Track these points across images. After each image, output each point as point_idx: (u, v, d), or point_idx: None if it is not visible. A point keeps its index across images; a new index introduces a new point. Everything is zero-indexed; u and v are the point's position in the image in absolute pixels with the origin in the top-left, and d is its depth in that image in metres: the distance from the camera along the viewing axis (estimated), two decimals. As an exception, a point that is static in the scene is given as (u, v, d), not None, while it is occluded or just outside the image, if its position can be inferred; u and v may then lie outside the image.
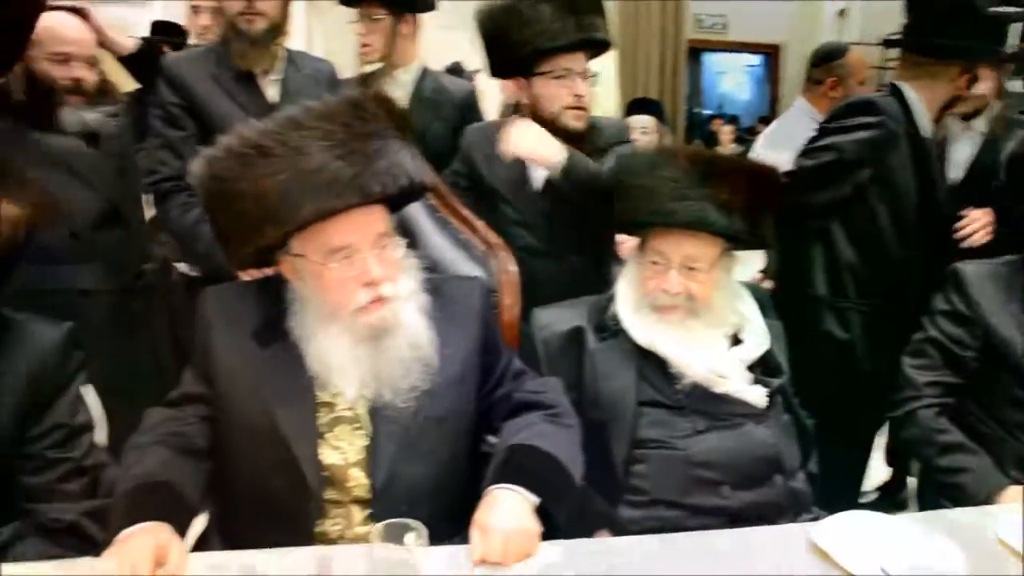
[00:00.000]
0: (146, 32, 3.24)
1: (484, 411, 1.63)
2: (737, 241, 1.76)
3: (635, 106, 4.62)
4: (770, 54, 7.14)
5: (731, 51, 8.03)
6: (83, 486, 1.52)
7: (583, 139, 2.27)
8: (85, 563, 1.33)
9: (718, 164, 1.74)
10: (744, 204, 1.70)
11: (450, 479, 1.54)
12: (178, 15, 3.47)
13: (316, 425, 1.48)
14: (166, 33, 3.26)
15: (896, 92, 2.37)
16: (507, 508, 1.39)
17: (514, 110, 2.50)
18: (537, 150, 2.16)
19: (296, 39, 3.27)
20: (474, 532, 1.36)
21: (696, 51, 7.47)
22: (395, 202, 1.54)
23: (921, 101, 2.35)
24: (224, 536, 1.59)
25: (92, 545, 1.45)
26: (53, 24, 2.26)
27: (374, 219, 1.46)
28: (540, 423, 1.55)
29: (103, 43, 2.52)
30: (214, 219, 1.50)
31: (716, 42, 7.16)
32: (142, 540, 1.30)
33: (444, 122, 2.84)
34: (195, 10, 3.12)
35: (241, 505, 1.54)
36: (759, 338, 1.79)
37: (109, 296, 2.40)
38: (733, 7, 6.71)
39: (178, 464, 1.46)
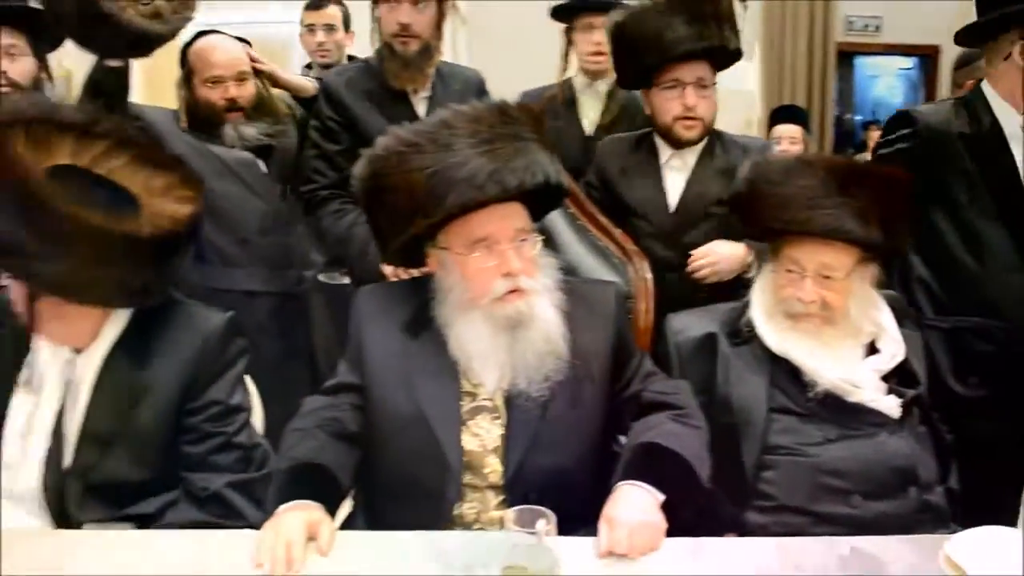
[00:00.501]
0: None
1: (615, 409, 1.69)
2: (874, 250, 1.75)
3: (779, 114, 4.50)
4: (927, 56, 6.82)
5: (884, 54, 7.70)
6: (233, 460, 1.68)
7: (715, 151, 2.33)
8: (245, 534, 1.48)
9: (856, 173, 1.74)
10: (881, 213, 1.69)
11: (579, 472, 1.61)
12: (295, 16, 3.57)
13: (459, 412, 1.60)
14: None
15: (978, 93, 2.20)
16: (634, 503, 1.45)
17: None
18: (731, 264, 2.23)
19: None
20: (601, 524, 1.43)
21: (847, 55, 7.19)
22: (537, 208, 1.65)
23: (997, 95, 2.15)
24: (368, 517, 1.72)
25: (235, 515, 1.63)
26: (203, 49, 2.51)
27: (514, 215, 1.57)
28: (668, 423, 1.60)
29: (286, 86, 2.76)
30: (371, 214, 1.66)
31: (868, 45, 6.89)
32: (297, 516, 1.44)
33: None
34: (310, 29, 3.31)
35: (387, 487, 1.67)
36: (895, 348, 1.77)
37: (271, 298, 2.62)
38: (888, 7, 6.45)
39: (332, 448, 1.60)
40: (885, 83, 9.34)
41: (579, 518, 1.48)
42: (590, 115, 2.99)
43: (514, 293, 1.55)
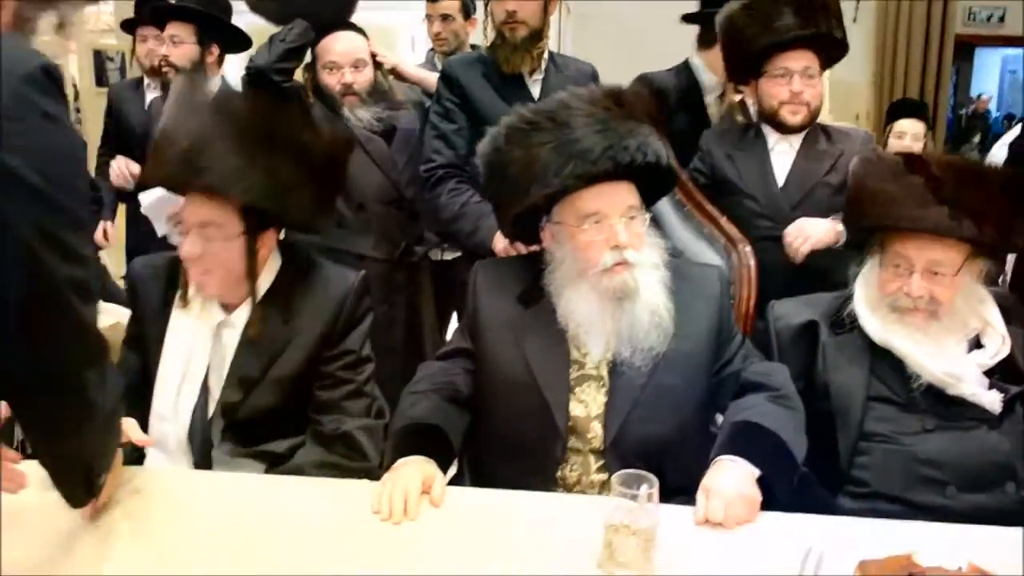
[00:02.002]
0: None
1: (714, 387, 1.76)
2: (985, 247, 1.76)
3: (900, 108, 4.37)
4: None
5: (1007, 46, 7.39)
6: (361, 406, 1.85)
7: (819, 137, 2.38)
8: (364, 484, 1.61)
9: (971, 171, 1.75)
10: (996, 212, 1.70)
11: (677, 443, 1.69)
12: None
13: (568, 378, 1.69)
14: None
15: None
16: (732, 476, 1.52)
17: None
18: (823, 239, 2.26)
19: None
20: (700, 495, 1.51)
21: (967, 46, 6.93)
22: (649, 192, 1.73)
23: None
24: (475, 475, 1.84)
25: (360, 455, 1.78)
26: (326, 39, 2.71)
27: (624, 192, 1.67)
28: (765, 403, 1.66)
29: (412, 80, 2.99)
30: (490, 186, 1.78)
31: (990, 37, 6.62)
32: (413, 469, 1.56)
33: None
34: (429, 19, 3.44)
35: (495, 447, 1.78)
36: (999, 344, 1.78)
37: (378, 264, 2.76)
38: (1012, -1, 6.21)
39: (445, 410, 1.72)
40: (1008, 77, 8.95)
41: (675, 489, 1.55)
42: None
43: (621, 265, 1.64)
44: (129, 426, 1.57)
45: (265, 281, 1.81)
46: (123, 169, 3.27)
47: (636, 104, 1.68)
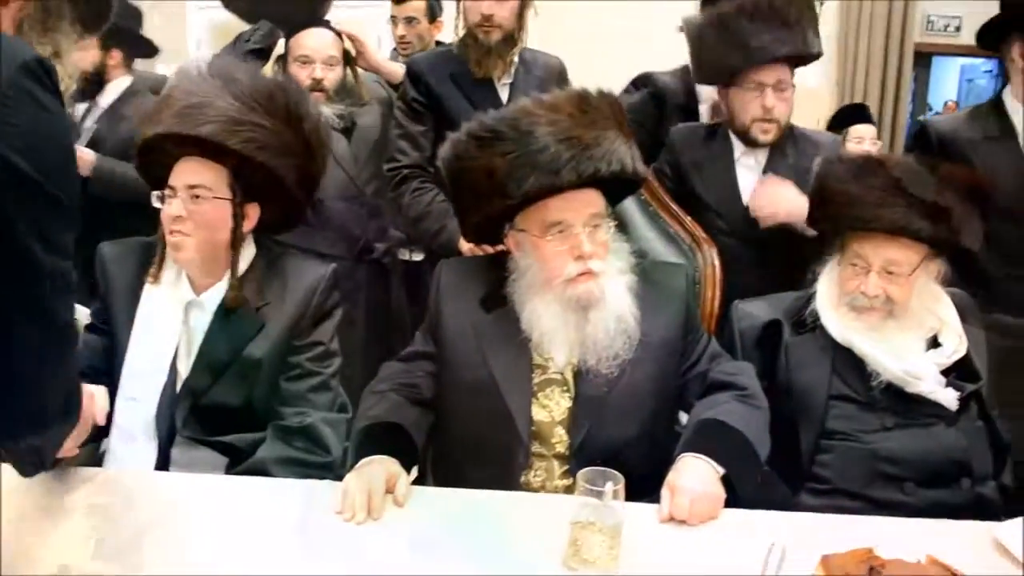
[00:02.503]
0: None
1: (680, 387, 1.77)
2: (941, 247, 1.80)
3: (853, 113, 4.45)
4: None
5: (964, 55, 7.55)
6: (326, 400, 1.85)
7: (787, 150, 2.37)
8: (327, 484, 1.59)
9: (926, 171, 1.78)
10: (951, 212, 1.73)
11: (643, 446, 1.69)
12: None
13: (530, 383, 1.69)
14: None
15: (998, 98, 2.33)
16: (696, 473, 1.53)
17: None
18: (792, 212, 2.22)
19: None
20: (664, 491, 1.52)
21: (926, 55, 7.06)
22: (614, 192, 1.73)
23: (1013, 97, 2.26)
24: (439, 480, 1.81)
25: (323, 448, 1.78)
26: (301, 33, 2.69)
27: (589, 200, 1.65)
28: (732, 402, 1.67)
29: (380, 71, 2.93)
30: (453, 193, 1.76)
31: (948, 45, 6.75)
32: (378, 467, 1.55)
33: None
34: (393, 21, 3.43)
35: (458, 451, 1.77)
36: (956, 343, 1.82)
37: (337, 261, 2.69)
38: (968, 7, 6.32)
39: (407, 410, 1.71)
40: (978, 84, 9.11)
41: (640, 490, 1.56)
42: None
43: (585, 275, 1.62)
44: (95, 395, 1.56)
45: (241, 264, 1.81)
46: None
47: (601, 108, 1.66)
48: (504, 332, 1.71)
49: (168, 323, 1.79)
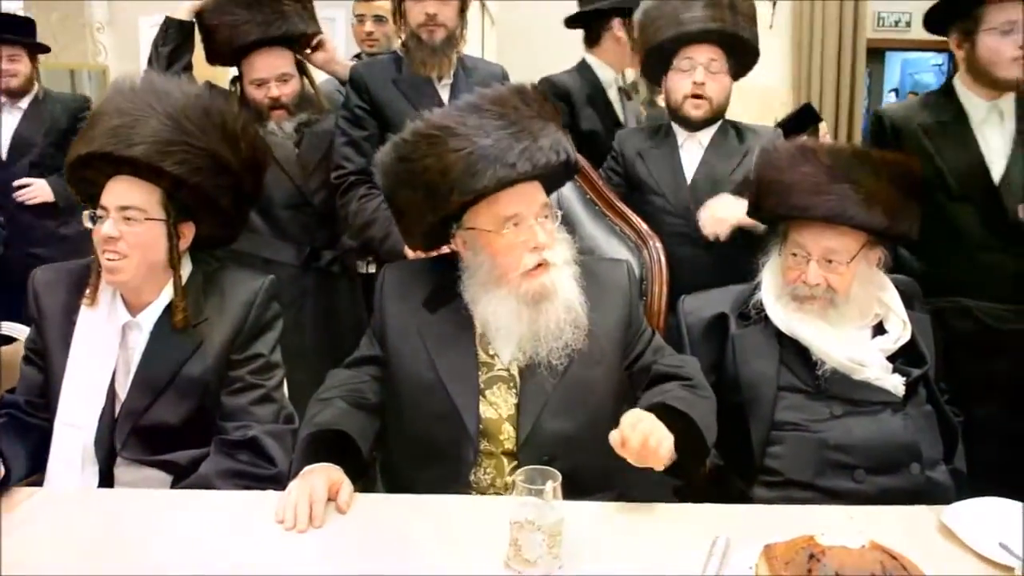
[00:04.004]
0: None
1: (625, 381, 1.76)
2: (879, 235, 1.79)
3: (806, 117, 4.45)
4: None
5: (915, 50, 7.66)
6: (269, 412, 1.80)
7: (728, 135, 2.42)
8: (268, 495, 1.56)
9: (859, 158, 1.78)
10: (886, 199, 1.73)
11: (591, 438, 1.66)
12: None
13: (477, 381, 1.67)
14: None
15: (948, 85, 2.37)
16: (651, 417, 1.51)
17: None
18: (741, 217, 2.21)
19: (471, 46, 3.49)
20: (621, 424, 1.48)
21: (879, 51, 7.15)
22: (551, 182, 1.74)
23: (963, 84, 2.31)
24: (389, 484, 1.80)
25: (267, 461, 1.74)
26: (252, 57, 2.61)
27: (537, 192, 1.67)
28: (678, 390, 1.66)
29: (330, 71, 2.87)
30: (396, 199, 1.73)
31: (898, 41, 6.84)
32: (320, 475, 1.52)
33: None
34: (360, 19, 3.39)
35: (407, 453, 1.75)
36: (901, 329, 1.82)
37: (285, 268, 2.67)
38: (918, 4, 6.42)
39: (353, 416, 1.69)
40: (924, 78, 9.23)
41: (586, 488, 1.56)
42: None
43: (540, 267, 1.63)
44: None
45: (170, 286, 1.77)
46: None
47: (540, 101, 1.68)
48: (449, 332, 1.70)
49: (105, 346, 1.75)
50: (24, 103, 3.68)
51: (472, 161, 1.57)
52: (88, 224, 1.73)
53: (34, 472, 1.73)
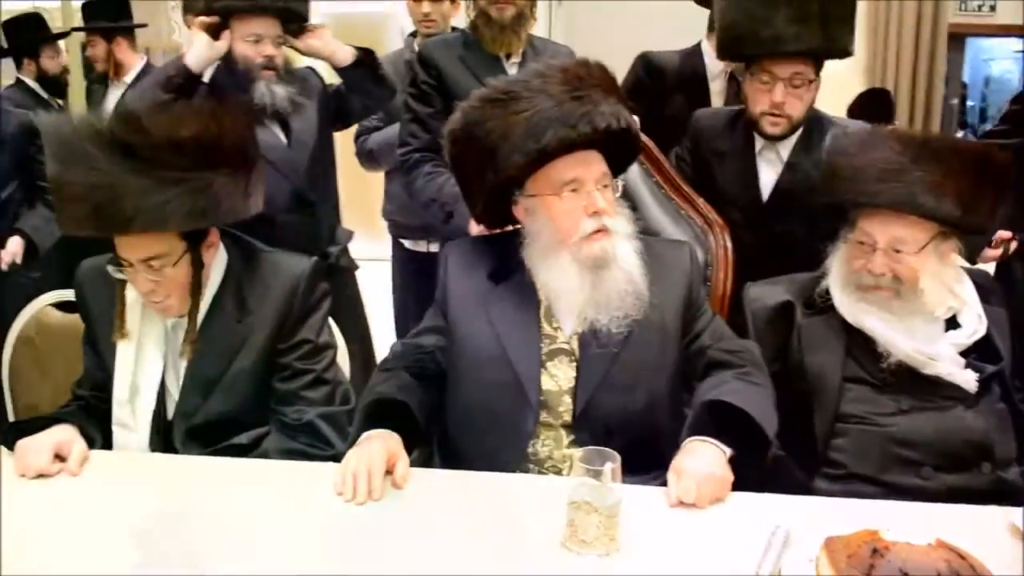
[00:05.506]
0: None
1: (683, 362, 1.75)
2: (950, 225, 1.73)
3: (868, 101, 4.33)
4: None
5: (998, 35, 7.37)
6: (322, 395, 1.81)
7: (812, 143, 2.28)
8: (329, 467, 1.59)
9: (931, 146, 1.72)
10: (959, 188, 1.67)
11: (648, 418, 1.68)
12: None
13: (539, 352, 1.69)
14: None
15: None
16: (702, 456, 1.51)
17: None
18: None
19: (539, 27, 3.45)
20: (670, 476, 1.49)
21: (958, 36, 6.90)
22: (613, 158, 1.73)
23: None
24: (446, 454, 1.81)
25: (324, 443, 1.76)
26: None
27: (597, 160, 1.68)
28: (733, 381, 1.65)
29: (325, 56, 2.73)
30: (462, 164, 1.76)
31: (981, 26, 6.59)
32: (378, 443, 1.56)
33: None
34: None
35: (467, 424, 1.76)
36: (976, 323, 1.76)
37: None
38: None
39: (413, 388, 1.71)
40: (1000, 66, 8.89)
41: (644, 466, 1.55)
42: None
43: (600, 233, 1.64)
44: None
45: (215, 276, 1.78)
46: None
47: (601, 75, 1.69)
48: (513, 304, 1.72)
49: (152, 347, 1.76)
50: (128, 78, 3.98)
51: (534, 122, 1.59)
52: (114, 275, 1.69)
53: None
